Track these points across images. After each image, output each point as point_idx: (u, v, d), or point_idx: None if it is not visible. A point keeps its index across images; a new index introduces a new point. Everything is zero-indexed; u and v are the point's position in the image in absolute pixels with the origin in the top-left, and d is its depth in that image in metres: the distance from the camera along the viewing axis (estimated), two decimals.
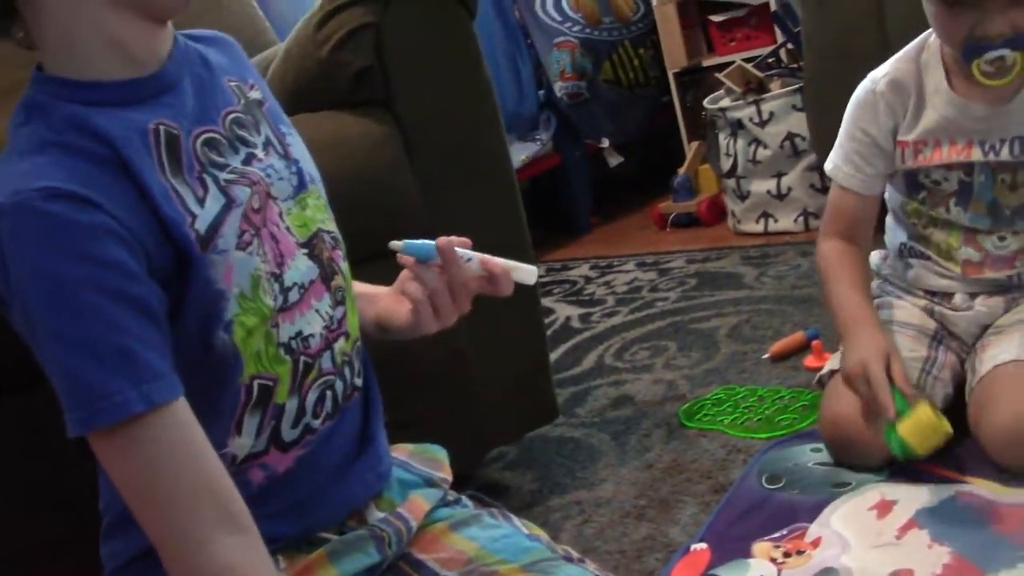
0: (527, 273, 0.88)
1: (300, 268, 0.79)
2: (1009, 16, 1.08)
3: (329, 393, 0.82)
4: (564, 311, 2.26)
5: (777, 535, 1.13)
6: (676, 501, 1.28)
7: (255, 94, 0.84)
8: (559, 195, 3.09)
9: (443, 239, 0.84)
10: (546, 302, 2.35)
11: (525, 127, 2.92)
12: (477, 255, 0.86)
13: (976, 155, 1.21)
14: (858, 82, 2.06)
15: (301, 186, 0.82)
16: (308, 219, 0.82)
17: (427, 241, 0.84)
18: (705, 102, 2.66)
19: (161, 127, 0.73)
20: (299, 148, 0.85)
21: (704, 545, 1.15)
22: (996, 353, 1.21)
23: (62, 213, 0.66)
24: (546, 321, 2.16)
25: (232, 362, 0.74)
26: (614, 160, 3.07)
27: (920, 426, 1.10)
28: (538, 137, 2.94)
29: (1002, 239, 1.25)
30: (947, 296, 1.31)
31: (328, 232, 0.84)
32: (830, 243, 1.31)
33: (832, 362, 1.31)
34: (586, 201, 3.10)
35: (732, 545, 1.13)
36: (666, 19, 3.06)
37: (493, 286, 0.87)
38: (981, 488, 1.11)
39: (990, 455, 1.14)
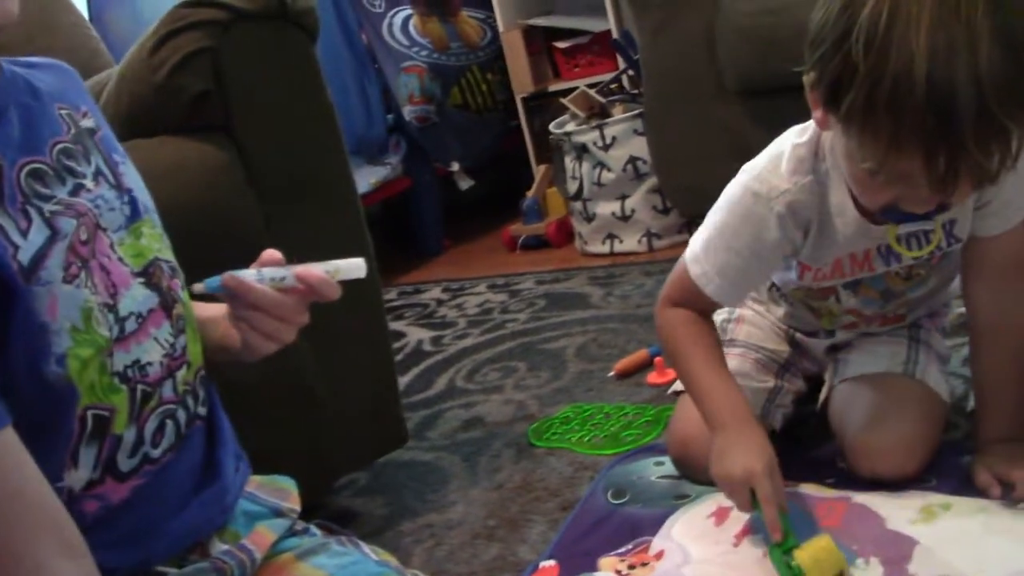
0: (354, 269, 0.85)
1: (136, 297, 0.78)
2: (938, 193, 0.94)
3: (170, 422, 0.81)
4: (416, 334, 2.27)
5: (622, 549, 1.16)
6: (525, 520, 1.30)
7: (87, 122, 0.83)
8: (410, 219, 3.10)
9: (228, 274, 0.82)
10: (398, 326, 2.35)
11: (374, 151, 2.92)
12: (291, 270, 0.83)
13: (879, 266, 1.15)
14: (695, 108, 2.17)
15: (135, 216, 0.82)
16: (143, 248, 0.81)
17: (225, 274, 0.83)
18: (551, 126, 2.72)
19: None
20: (133, 177, 0.85)
21: (552, 562, 1.17)
22: (860, 360, 1.24)
23: None
24: (398, 345, 2.16)
25: (67, 395, 0.73)
26: (464, 183, 3.10)
27: (821, 557, 0.99)
28: (388, 161, 2.94)
29: (886, 307, 1.23)
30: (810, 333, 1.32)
31: (166, 261, 0.84)
32: (676, 312, 1.18)
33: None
34: (437, 224, 3.12)
35: (579, 560, 1.16)
36: (512, 45, 3.12)
37: (317, 295, 0.84)
38: (808, 489, 1.17)
39: (862, 465, 1.16)
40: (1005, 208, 1.07)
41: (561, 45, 3.13)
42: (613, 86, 2.77)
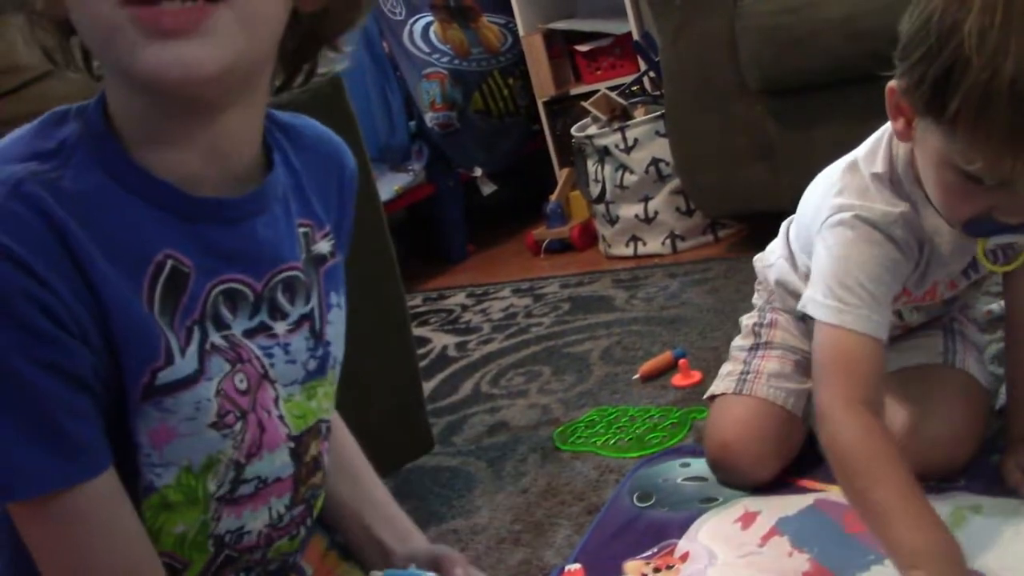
0: None
1: (274, 463, 0.70)
2: None
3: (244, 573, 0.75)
4: (441, 340, 2.27)
5: (648, 553, 1.16)
6: (551, 524, 1.30)
7: (324, 246, 0.72)
8: (434, 224, 3.11)
9: None
10: (423, 332, 2.35)
11: (397, 158, 2.92)
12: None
13: (961, 284, 1.14)
14: (716, 109, 2.15)
15: (319, 372, 0.72)
16: (309, 410, 0.72)
17: (409, 572, 0.79)
18: (573, 130, 2.72)
19: (170, 260, 0.63)
20: (338, 327, 0.74)
21: (578, 566, 1.16)
22: (898, 356, 1.21)
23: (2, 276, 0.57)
24: (423, 351, 2.17)
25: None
26: (487, 188, 3.10)
27: None
28: (411, 168, 2.95)
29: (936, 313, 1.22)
30: None
31: (326, 423, 0.75)
32: (859, 418, 0.98)
33: (723, 383, 1.32)
34: (461, 230, 3.13)
35: (605, 564, 1.16)
36: (533, 49, 3.12)
37: None
38: (835, 495, 1.16)
39: (912, 459, 1.07)
40: None
41: (582, 48, 3.13)
42: (634, 88, 2.76)
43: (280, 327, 0.68)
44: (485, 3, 3.27)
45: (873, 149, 1.07)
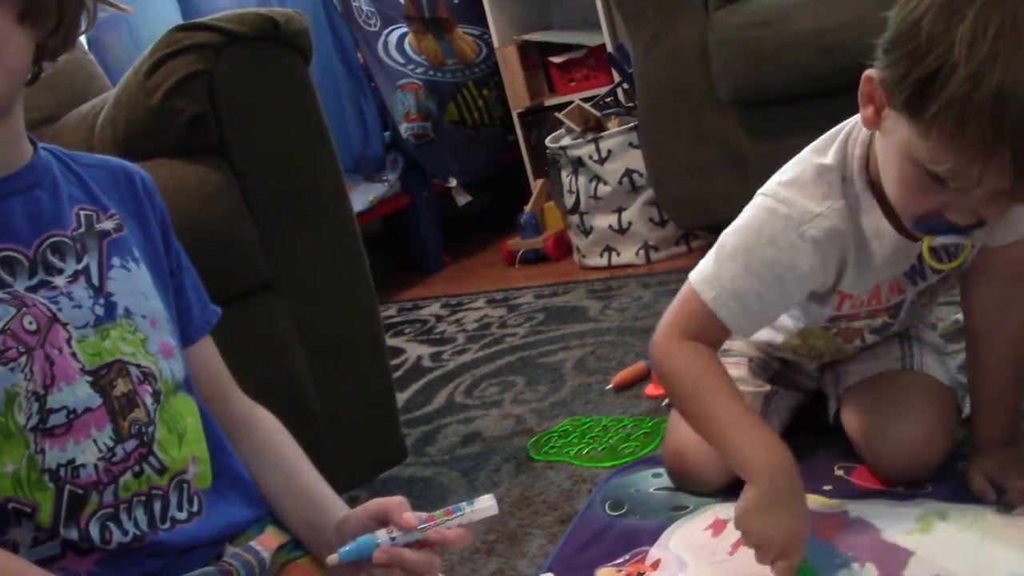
0: (486, 508, 0.87)
1: (76, 394, 0.80)
2: (988, 205, 0.92)
3: (112, 524, 0.80)
4: (415, 350, 2.27)
5: (620, 560, 1.17)
6: (524, 534, 1.31)
7: (105, 224, 0.87)
8: (409, 235, 3.12)
9: (379, 551, 0.82)
10: (397, 342, 2.35)
11: (372, 168, 2.93)
12: (429, 525, 0.85)
13: (909, 292, 1.15)
14: (688, 120, 2.18)
15: (107, 317, 0.84)
16: (104, 349, 0.82)
17: (361, 541, 0.83)
18: (547, 141, 2.73)
19: None
20: (126, 283, 0.86)
21: (551, 575, 1.17)
22: (858, 368, 1.24)
23: None
24: (397, 361, 2.17)
25: None
26: (462, 199, 3.11)
27: None
28: (385, 178, 2.96)
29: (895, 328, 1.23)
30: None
31: (136, 365, 0.84)
32: (685, 345, 1.08)
33: None
34: (436, 240, 3.13)
35: (578, 573, 1.16)
36: (508, 61, 3.14)
37: (454, 547, 0.87)
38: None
39: (886, 465, 1.16)
40: (1016, 218, 1.05)
41: (556, 60, 3.15)
42: (608, 100, 2.79)
43: (59, 280, 0.82)
44: (460, 14, 3.29)
45: (826, 143, 1.08)
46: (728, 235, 1.09)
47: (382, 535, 0.84)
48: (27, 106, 0.86)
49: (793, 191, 1.06)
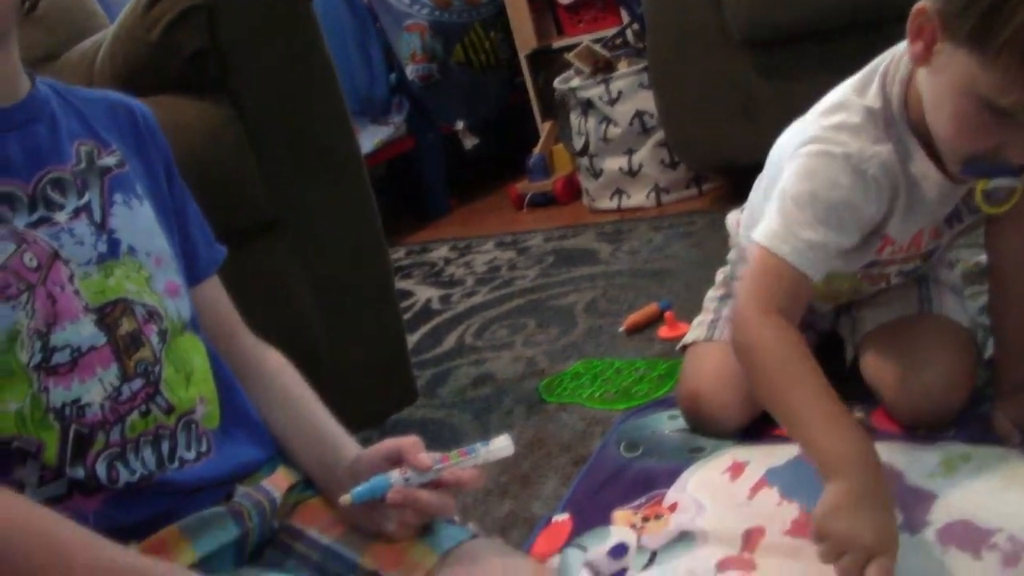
0: (502, 449, 0.86)
1: (80, 332, 0.78)
2: None
3: (120, 464, 0.79)
4: (424, 293, 2.25)
5: (636, 502, 1.15)
6: (538, 476, 1.29)
7: (107, 160, 0.85)
8: (416, 178, 3.08)
9: (392, 491, 0.82)
10: (406, 285, 2.33)
11: (378, 111, 2.88)
12: (444, 466, 0.84)
13: (945, 237, 1.13)
14: (699, 61, 2.13)
15: (110, 255, 0.82)
16: (108, 287, 0.80)
17: (374, 481, 0.82)
18: (556, 82, 2.68)
19: None
20: (130, 220, 0.84)
21: (566, 516, 1.16)
22: (874, 313, 1.21)
23: None
24: (406, 304, 2.15)
25: None
26: (469, 142, 3.07)
27: None
28: (391, 120, 2.91)
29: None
30: None
31: (142, 304, 0.82)
32: (773, 320, 0.98)
33: (694, 333, 1.32)
34: (443, 184, 3.09)
35: (593, 514, 1.15)
36: (515, 1, 3.07)
37: (468, 487, 0.87)
38: None
39: (905, 410, 1.14)
40: None
41: (564, 1, 3.08)
42: (618, 40, 2.73)
43: (60, 216, 0.79)
44: None
45: (864, 83, 1.04)
46: (787, 188, 1.03)
47: (395, 475, 0.82)
48: (25, 44, 0.84)
49: (844, 134, 1.01)
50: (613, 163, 2.51)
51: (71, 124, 0.84)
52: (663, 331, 1.63)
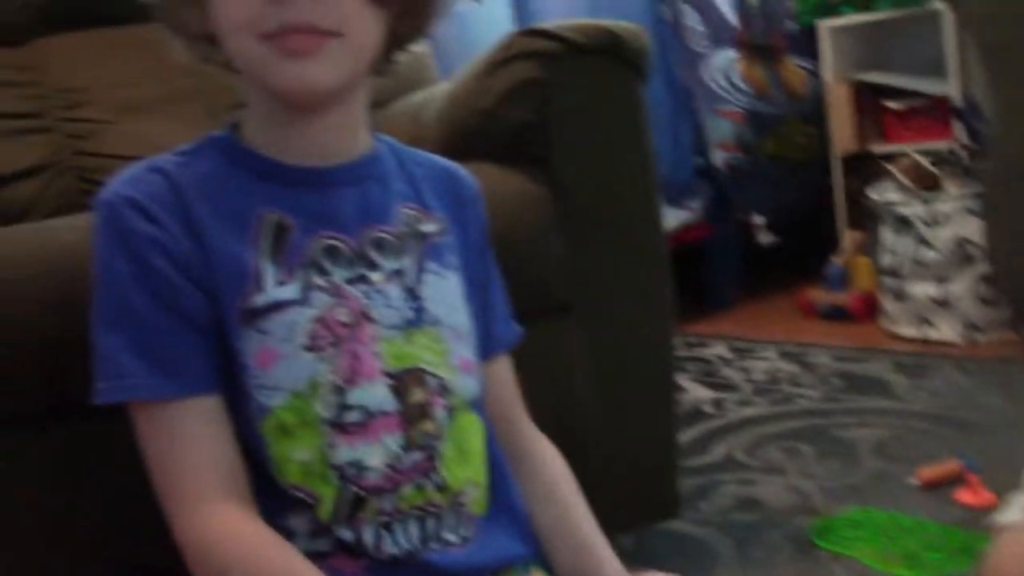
0: None
1: (374, 395, 0.78)
2: None
3: (385, 534, 0.78)
4: (696, 392, 2.15)
5: None
6: None
7: (428, 227, 0.86)
8: (704, 266, 2.99)
9: None
10: (678, 378, 2.24)
11: (678, 193, 2.83)
12: None
13: None
14: None
15: (415, 322, 0.82)
16: (408, 354, 0.81)
17: None
18: (870, 191, 2.53)
19: (272, 215, 0.79)
20: (439, 290, 0.85)
21: None
22: None
23: (131, 220, 0.75)
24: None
25: (258, 448, 0.76)
26: (766, 238, 2.95)
27: None
28: (690, 205, 2.85)
29: None
30: None
31: (435, 376, 0.82)
32: None
33: (1012, 512, 1.16)
34: (731, 276, 2.99)
35: None
36: (838, 100, 2.94)
37: None
38: None
39: None
40: None
41: (892, 105, 2.92)
42: (948, 157, 2.54)
43: (376, 277, 0.81)
44: (793, 45, 3.13)
45: None
46: None
47: None
48: None
49: None
50: (922, 289, 2.32)
51: (401, 186, 0.86)
52: (964, 494, 1.45)
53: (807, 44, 3.07)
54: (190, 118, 1.59)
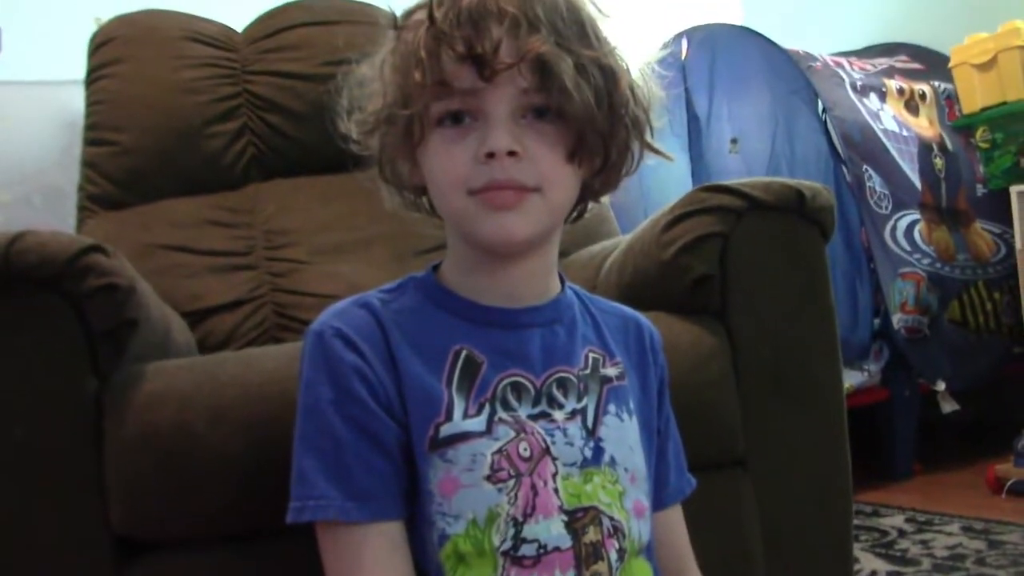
0: None
1: (550, 531, 0.81)
2: None
3: None
4: (871, 563, 2.04)
5: None
6: None
7: (610, 371, 0.89)
8: (880, 432, 2.87)
9: None
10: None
11: (854, 355, 2.75)
12: None
13: None
14: None
15: (593, 462, 0.85)
16: (584, 493, 0.83)
17: None
18: None
19: (464, 351, 0.84)
20: (617, 432, 0.87)
21: None
22: None
23: (337, 349, 0.81)
24: None
25: (436, 574, 0.79)
26: (948, 406, 2.81)
27: None
28: (867, 367, 2.77)
29: None
30: None
31: (610, 517, 0.84)
32: None
33: None
34: (909, 445, 2.85)
35: None
36: None
37: None
38: None
39: None
40: None
41: None
42: None
43: (558, 415, 0.84)
44: (981, 209, 3.05)
45: None
46: None
47: None
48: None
49: None
50: None
51: (586, 331, 0.91)
52: None
53: (996, 208, 2.99)
54: (378, 260, 1.68)
